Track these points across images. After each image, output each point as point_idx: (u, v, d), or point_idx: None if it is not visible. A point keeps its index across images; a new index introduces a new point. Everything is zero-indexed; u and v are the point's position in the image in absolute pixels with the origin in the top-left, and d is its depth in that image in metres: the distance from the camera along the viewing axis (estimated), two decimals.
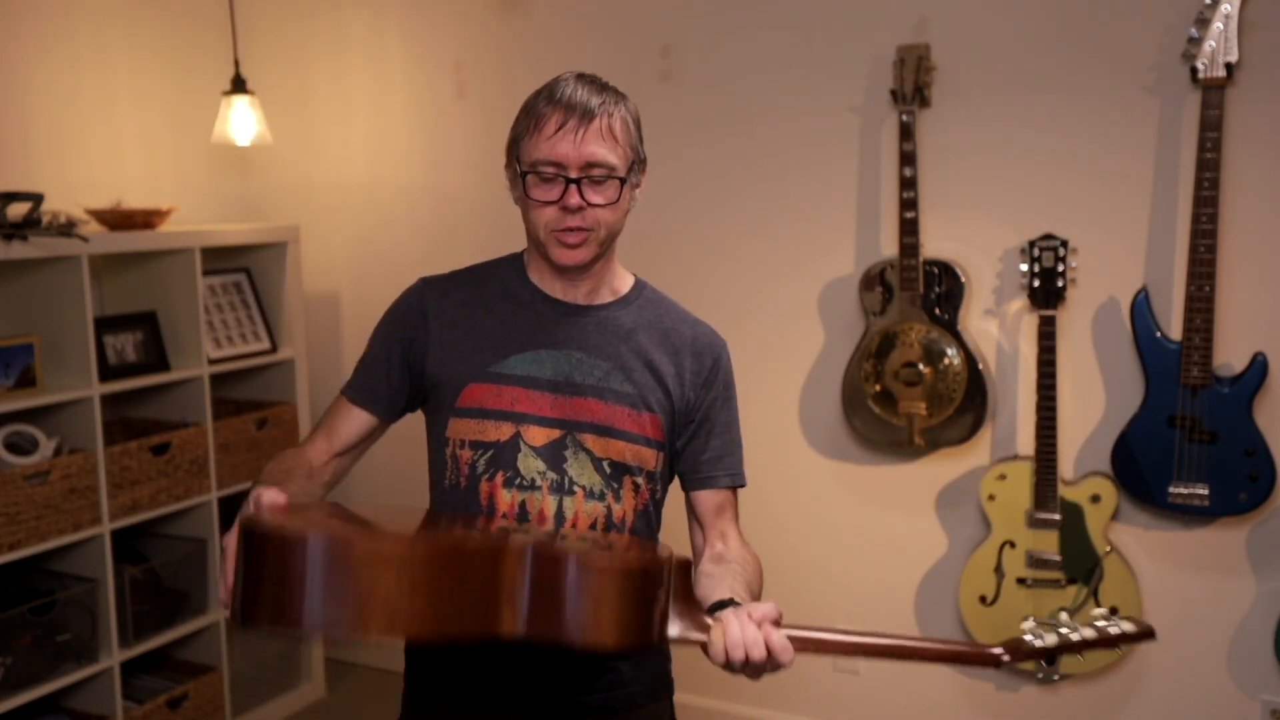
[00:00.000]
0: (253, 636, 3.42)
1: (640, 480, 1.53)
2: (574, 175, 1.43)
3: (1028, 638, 1.35)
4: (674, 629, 1.24)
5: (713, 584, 1.43)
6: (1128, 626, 1.34)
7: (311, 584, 1.10)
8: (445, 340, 1.54)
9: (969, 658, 1.37)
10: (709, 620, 1.27)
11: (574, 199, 1.43)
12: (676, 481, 1.63)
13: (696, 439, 1.58)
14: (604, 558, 1.19)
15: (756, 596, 1.44)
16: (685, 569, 1.29)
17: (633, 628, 1.19)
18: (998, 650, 1.31)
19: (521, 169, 1.47)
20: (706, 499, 1.59)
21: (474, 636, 1.14)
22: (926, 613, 2.90)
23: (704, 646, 1.26)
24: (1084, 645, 1.34)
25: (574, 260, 1.48)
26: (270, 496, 1.25)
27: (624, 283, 1.60)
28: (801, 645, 1.25)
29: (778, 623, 1.26)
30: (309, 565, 1.10)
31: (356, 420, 1.58)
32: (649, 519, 1.57)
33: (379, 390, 1.57)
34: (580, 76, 1.48)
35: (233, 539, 1.20)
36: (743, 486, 1.62)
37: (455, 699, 1.55)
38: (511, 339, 1.53)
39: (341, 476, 1.60)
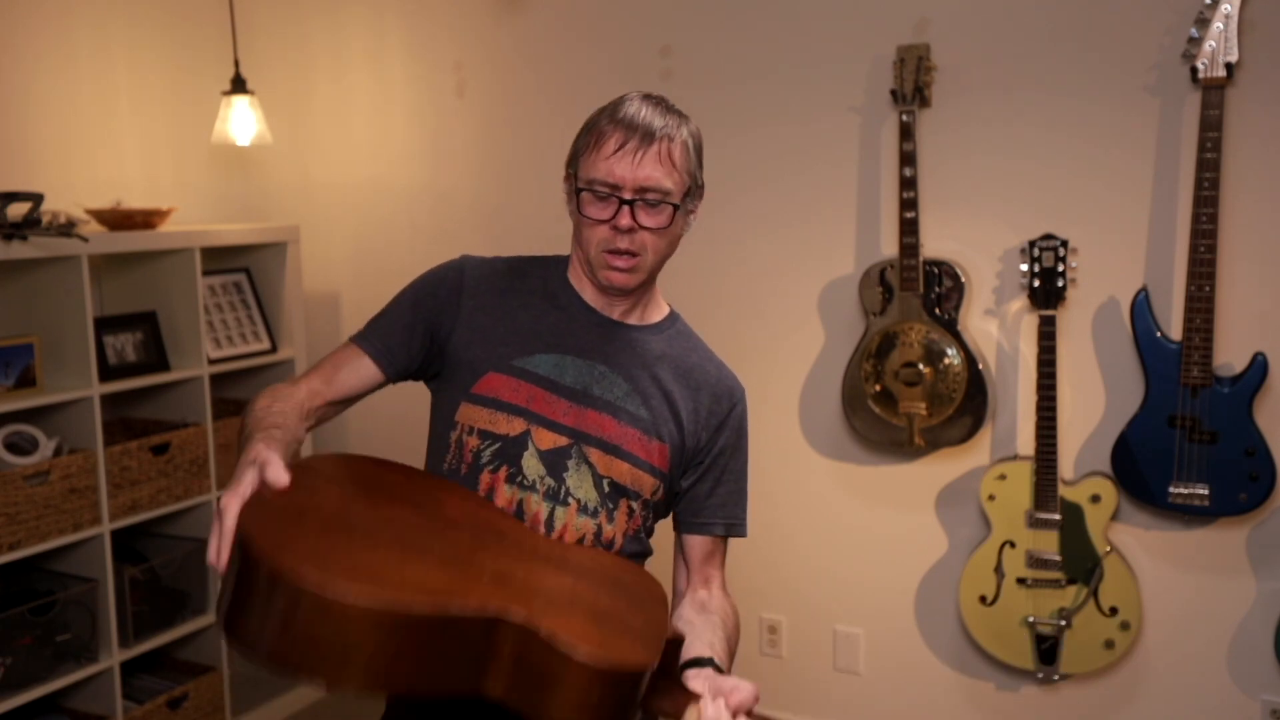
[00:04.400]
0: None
1: (635, 505, 1.51)
2: (628, 197, 1.43)
3: None
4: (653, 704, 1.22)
5: (693, 634, 1.42)
6: None
7: (295, 628, 1.04)
8: (475, 323, 1.53)
9: None
10: (684, 692, 1.25)
11: (625, 220, 1.43)
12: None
13: (702, 482, 1.57)
14: (591, 653, 1.14)
15: (733, 652, 1.45)
16: (672, 646, 1.27)
17: None
18: None
19: (578, 185, 1.47)
20: (698, 544, 1.58)
21: (455, 695, 1.12)
22: (926, 613, 2.90)
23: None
24: None
25: (621, 284, 1.48)
26: (274, 474, 1.20)
27: (659, 310, 1.60)
28: None
29: (750, 712, 1.24)
30: (297, 610, 1.04)
31: (362, 372, 1.54)
32: (641, 541, 1.56)
33: (396, 350, 1.54)
34: (647, 97, 1.49)
35: (230, 514, 1.15)
36: (742, 537, 1.59)
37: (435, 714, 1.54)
38: (541, 337, 1.52)
39: (325, 421, 1.55)
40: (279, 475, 1.20)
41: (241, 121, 3.25)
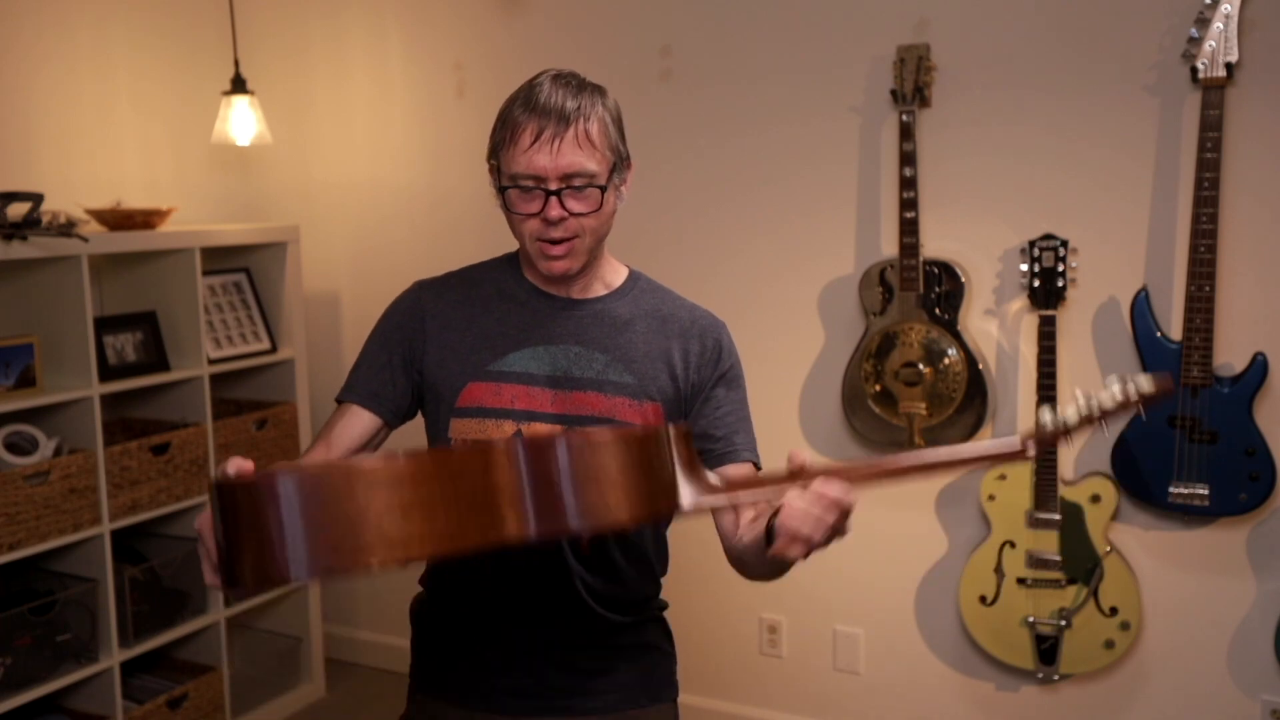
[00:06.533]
0: (253, 636, 3.42)
1: None
2: (553, 187, 1.41)
3: (1046, 424, 1.30)
4: (687, 499, 1.20)
5: (756, 525, 1.40)
6: (1145, 386, 1.29)
7: (292, 524, 1.03)
8: (443, 341, 1.54)
9: (997, 457, 1.33)
10: (716, 481, 1.24)
11: (555, 211, 1.42)
12: None
13: (704, 417, 1.56)
14: (594, 433, 1.15)
15: None
16: (686, 437, 1.25)
17: (642, 497, 1.14)
18: (1019, 445, 1.29)
19: (501, 182, 1.46)
20: (729, 474, 1.53)
21: (482, 548, 1.09)
22: (926, 613, 2.90)
23: (716, 512, 1.26)
24: (1105, 414, 1.29)
25: (561, 270, 1.47)
26: (237, 464, 1.18)
27: (617, 275, 1.59)
28: (860, 480, 1.30)
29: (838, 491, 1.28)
30: (285, 504, 1.03)
31: (358, 424, 1.54)
32: None
33: (382, 392, 1.55)
34: (556, 78, 1.46)
35: (206, 518, 1.15)
36: (759, 467, 1.58)
37: (458, 698, 1.55)
38: (509, 336, 1.52)
39: None
40: (241, 462, 1.18)
41: (241, 121, 3.25)
